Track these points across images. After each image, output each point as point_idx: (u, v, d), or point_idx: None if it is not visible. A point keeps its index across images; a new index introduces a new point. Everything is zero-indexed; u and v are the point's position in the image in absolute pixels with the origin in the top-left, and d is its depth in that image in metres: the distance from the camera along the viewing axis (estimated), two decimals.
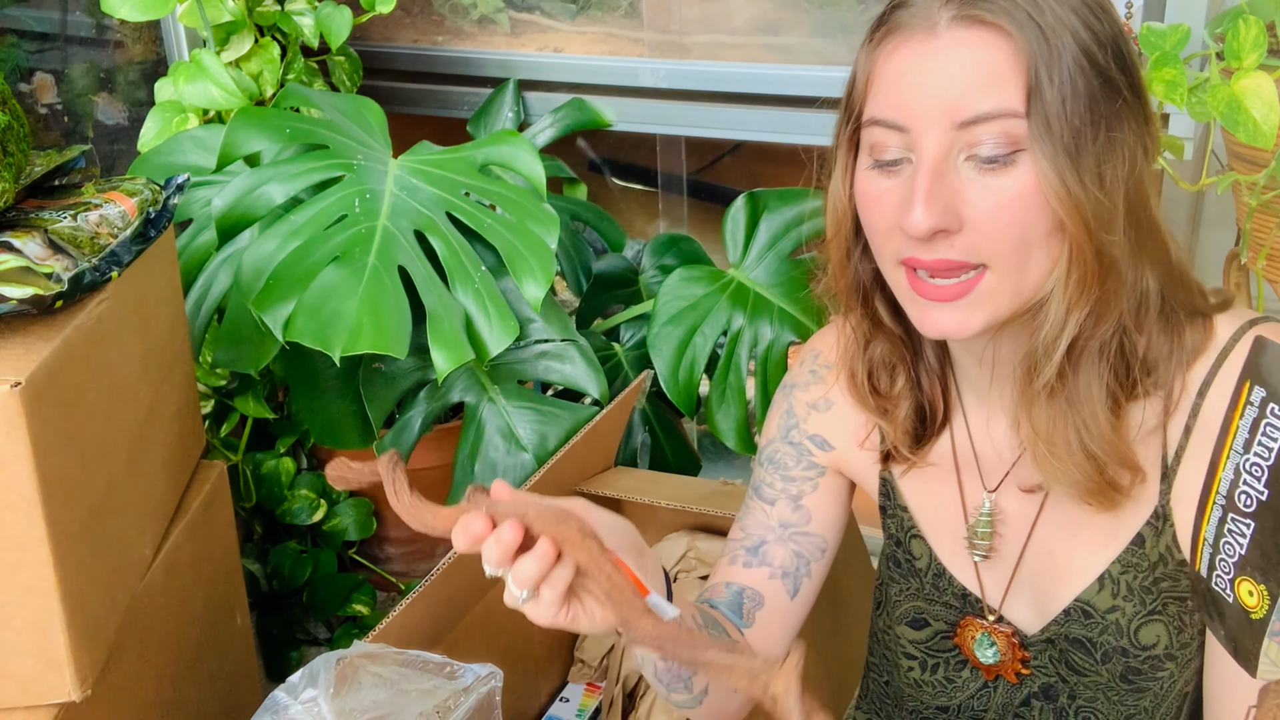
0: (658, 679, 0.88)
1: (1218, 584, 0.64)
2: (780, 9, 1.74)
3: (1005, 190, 0.73)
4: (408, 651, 0.93)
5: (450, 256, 1.37)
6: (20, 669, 0.96)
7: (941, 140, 0.74)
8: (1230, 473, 0.62)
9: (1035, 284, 0.76)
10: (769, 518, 0.96)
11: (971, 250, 0.74)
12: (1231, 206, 1.35)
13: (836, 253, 0.86)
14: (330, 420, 1.50)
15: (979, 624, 0.91)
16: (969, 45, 0.74)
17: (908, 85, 0.75)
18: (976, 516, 0.89)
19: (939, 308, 0.76)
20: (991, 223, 0.74)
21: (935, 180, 0.73)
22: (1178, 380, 0.81)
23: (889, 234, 0.77)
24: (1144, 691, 0.87)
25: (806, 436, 0.97)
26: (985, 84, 0.73)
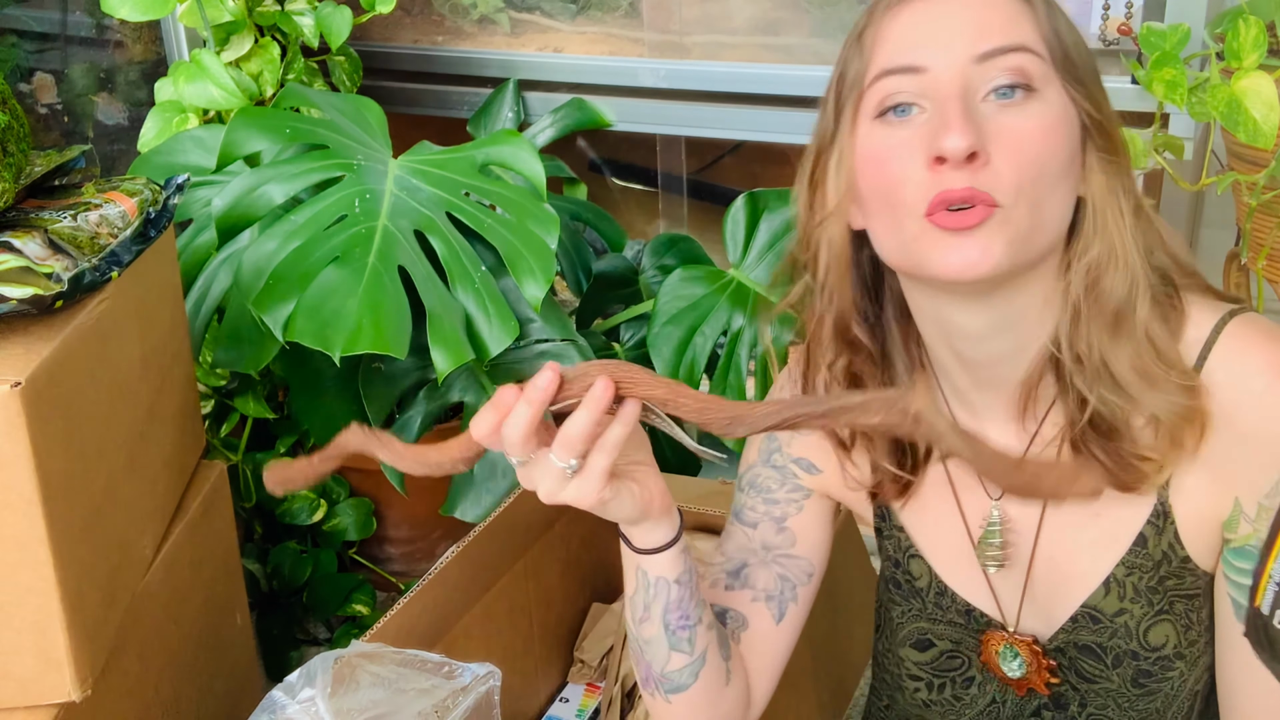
0: (665, 631, 0.85)
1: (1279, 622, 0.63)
2: (780, 9, 1.74)
3: (1025, 124, 0.74)
4: (405, 651, 0.93)
5: (450, 256, 1.37)
6: (20, 669, 0.96)
7: (962, 73, 0.75)
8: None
9: (1050, 227, 0.76)
10: (751, 540, 0.95)
11: (994, 185, 0.73)
12: (1231, 206, 1.36)
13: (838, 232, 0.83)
14: (330, 420, 1.50)
15: (1001, 636, 0.90)
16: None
17: (922, 31, 0.77)
18: (984, 528, 0.88)
19: (961, 240, 0.73)
20: (1016, 155, 0.74)
21: (965, 105, 0.74)
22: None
23: (907, 181, 0.75)
24: (1155, 694, 0.86)
25: (791, 460, 0.95)
26: (1002, 21, 0.76)
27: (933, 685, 0.95)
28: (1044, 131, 0.75)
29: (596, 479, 0.74)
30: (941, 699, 0.95)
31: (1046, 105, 0.75)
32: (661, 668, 0.88)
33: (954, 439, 0.63)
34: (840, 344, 0.88)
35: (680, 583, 0.84)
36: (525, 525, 1.26)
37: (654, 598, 0.85)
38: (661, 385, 0.72)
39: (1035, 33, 0.76)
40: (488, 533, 1.14)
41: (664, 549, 0.83)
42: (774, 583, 0.94)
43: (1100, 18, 1.45)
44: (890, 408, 0.64)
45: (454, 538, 1.81)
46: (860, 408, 0.65)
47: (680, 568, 0.84)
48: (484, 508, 1.42)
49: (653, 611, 0.85)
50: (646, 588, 0.85)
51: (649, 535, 0.82)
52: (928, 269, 0.77)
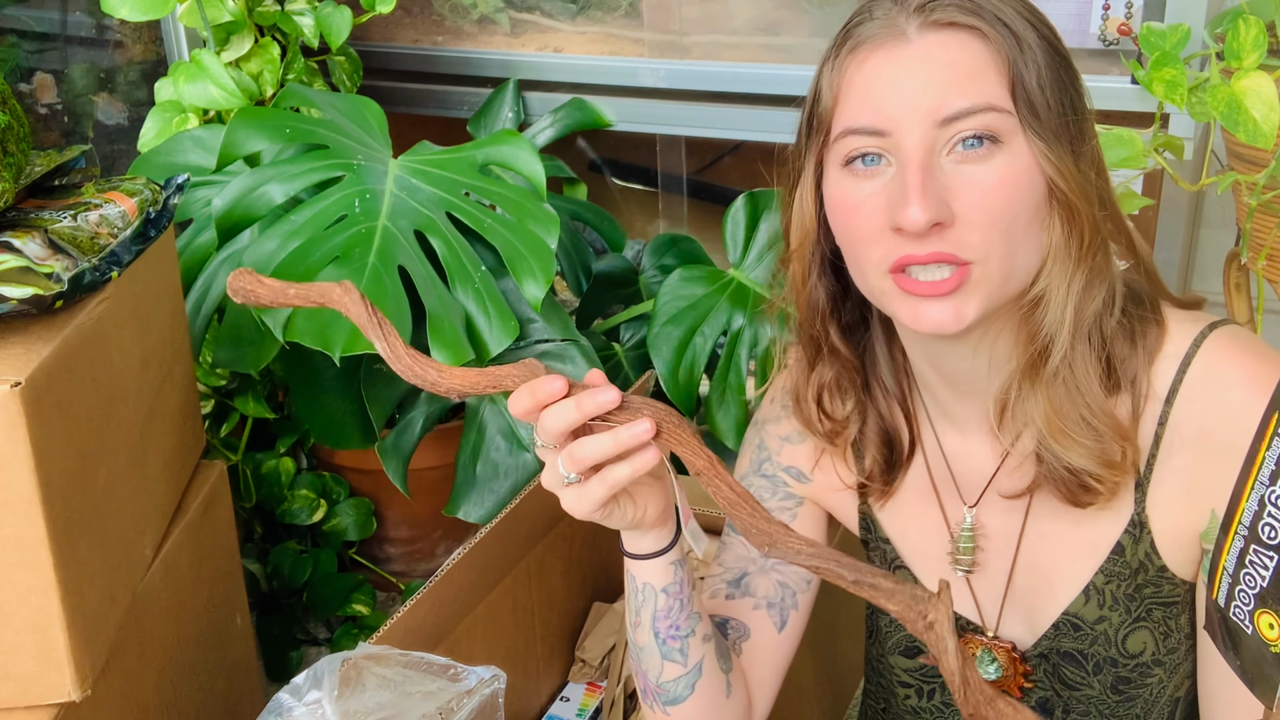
0: (655, 640, 0.85)
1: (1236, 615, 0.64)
2: (780, 9, 1.74)
3: (987, 179, 0.74)
4: (411, 653, 0.93)
5: (450, 256, 1.37)
6: (20, 669, 0.96)
7: (925, 139, 0.74)
8: (1254, 504, 0.61)
9: (1024, 271, 0.77)
10: (749, 549, 0.95)
11: (960, 244, 0.74)
12: (1231, 206, 1.36)
13: (801, 267, 0.86)
14: (330, 420, 1.50)
15: (978, 641, 0.91)
16: (943, 47, 0.75)
17: (884, 90, 0.76)
18: (959, 533, 0.89)
19: (932, 304, 0.75)
20: (979, 211, 0.74)
21: (926, 174, 0.74)
22: (1142, 383, 0.81)
23: (876, 238, 0.76)
24: (1134, 700, 0.87)
25: (781, 469, 0.96)
26: (964, 81, 0.74)
27: (922, 692, 0.95)
28: (1008, 184, 0.74)
29: (591, 500, 0.74)
30: (931, 705, 0.95)
31: (1011, 157, 0.74)
32: (656, 678, 0.88)
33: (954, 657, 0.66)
34: (816, 351, 0.89)
35: (668, 593, 0.84)
36: (529, 525, 1.26)
37: (642, 603, 0.85)
38: (703, 457, 0.71)
39: (1002, 86, 0.74)
40: (493, 534, 1.14)
41: (652, 557, 0.83)
42: (774, 589, 0.94)
43: (1100, 18, 1.45)
44: (912, 605, 0.66)
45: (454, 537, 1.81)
46: (887, 592, 0.67)
47: (669, 578, 0.83)
48: (487, 508, 1.42)
49: (643, 617, 0.86)
50: (635, 592, 0.85)
51: (639, 541, 0.83)
52: (897, 318, 0.79)
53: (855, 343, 0.89)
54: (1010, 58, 0.74)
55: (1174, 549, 0.82)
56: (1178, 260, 1.59)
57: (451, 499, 1.44)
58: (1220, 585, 0.64)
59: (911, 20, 0.76)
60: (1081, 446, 0.79)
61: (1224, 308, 1.35)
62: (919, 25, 0.75)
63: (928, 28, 0.75)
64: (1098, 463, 0.79)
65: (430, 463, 1.60)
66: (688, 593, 0.85)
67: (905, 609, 0.66)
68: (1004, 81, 0.74)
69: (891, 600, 0.66)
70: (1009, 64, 0.74)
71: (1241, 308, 1.33)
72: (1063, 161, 0.75)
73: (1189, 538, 0.81)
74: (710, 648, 0.87)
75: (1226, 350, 0.79)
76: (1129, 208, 1.26)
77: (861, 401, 0.90)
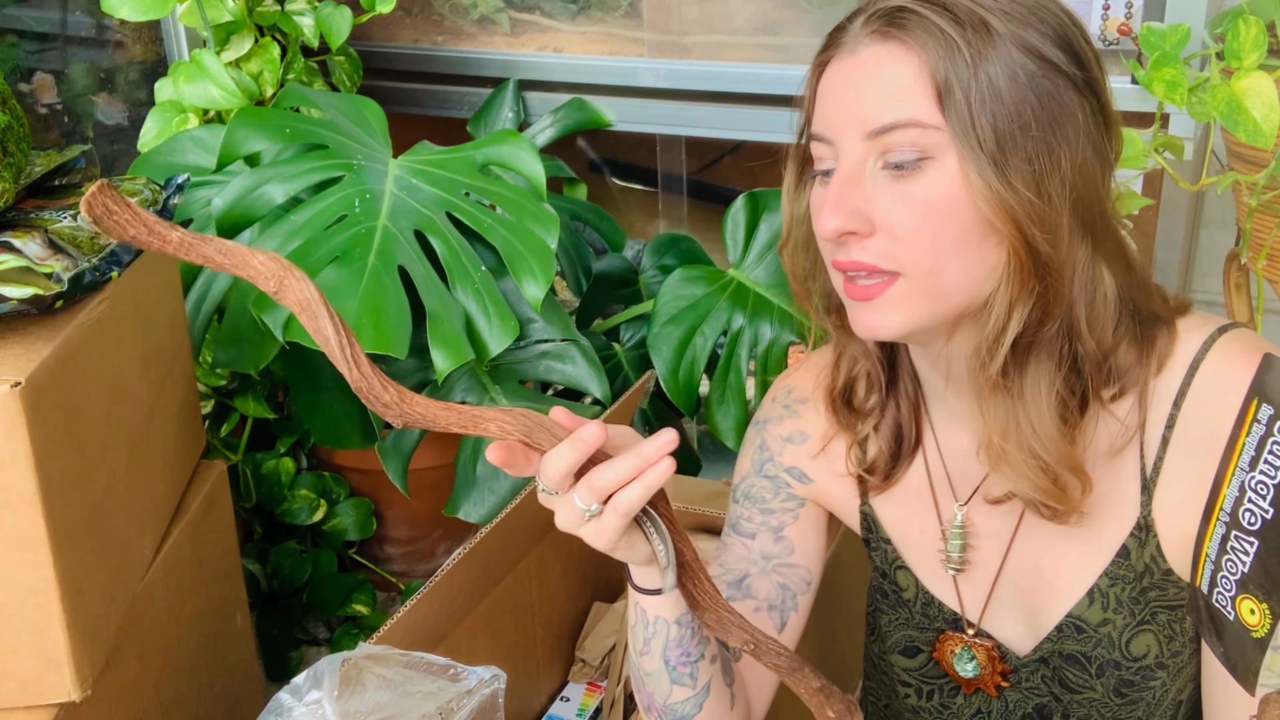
0: (666, 667, 0.85)
1: (1219, 601, 0.64)
2: (780, 9, 1.74)
3: (914, 195, 0.75)
4: (412, 653, 0.93)
5: (450, 256, 1.37)
6: (20, 669, 0.96)
7: (856, 150, 0.77)
8: (1235, 490, 0.61)
9: (959, 289, 0.77)
10: (750, 551, 0.95)
11: (884, 255, 0.76)
12: (1231, 206, 1.36)
13: (791, 259, 0.89)
14: (330, 420, 1.50)
15: (959, 638, 0.91)
16: (879, 61, 0.76)
17: (832, 101, 0.79)
18: (950, 530, 0.89)
19: (864, 308, 0.78)
20: (901, 226, 0.75)
21: (844, 186, 0.76)
22: (1150, 390, 0.80)
23: (820, 242, 0.81)
24: (1137, 704, 0.86)
25: (783, 469, 0.96)
26: (891, 96, 0.75)
27: (921, 692, 0.96)
28: (932, 203, 0.75)
29: (612, 531, 0.72)
30: (930, 706, 0.95)
31: (941, 173, 0.74)
32: (664, 700, 0.87)
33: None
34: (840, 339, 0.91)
35: (680, 623, 0.83)
36: (530, 526, 1.26)
37: (653, 635, 0.84)
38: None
39: (931, 99, 0.74)
40: (494, 534, 1.14)
41: (662, 592, 0.82)
42: (775, 592, 0.94)
43: (1100, 18, 1.45)
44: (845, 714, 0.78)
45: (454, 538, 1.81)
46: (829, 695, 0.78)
47: (680, 609, 0.82)
48: (487, 508, 1.42)
49: (653, 647, 0.85)
50: (646, 625, 0.84)
51: (651, 577, 0.81)
52: (849, 317, 0.82)
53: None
54: (942, 73, 0.73)
55: (1180, 552, 0.81)
56: (1178, 260, 1.59)
57: (451, 499, 1.44)
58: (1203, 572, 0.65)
59: (861, 30, 0.78)
60: (1018, 472, 0.79)
61: (1224, 308, 1.35)
62: (867, 35, 0.77)
63: (872, 38, 0.77)
64: (1037, 490, 0.79)
65: (430, 463, 1.60)
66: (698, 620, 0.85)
67: (839, 716, 0.78)
68: (935, 98, 0.74)
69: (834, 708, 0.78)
70: (940, 79, 0.73)
71: (1241, 308, 1.33)
72: (992, 181, 0.73)
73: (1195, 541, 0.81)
74: (717, 667, 0.87)
75: (1235, 353, 0.79)
76: (1129, 208, 1.26)
77: (884, 395, 0.91)
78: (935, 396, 0.89)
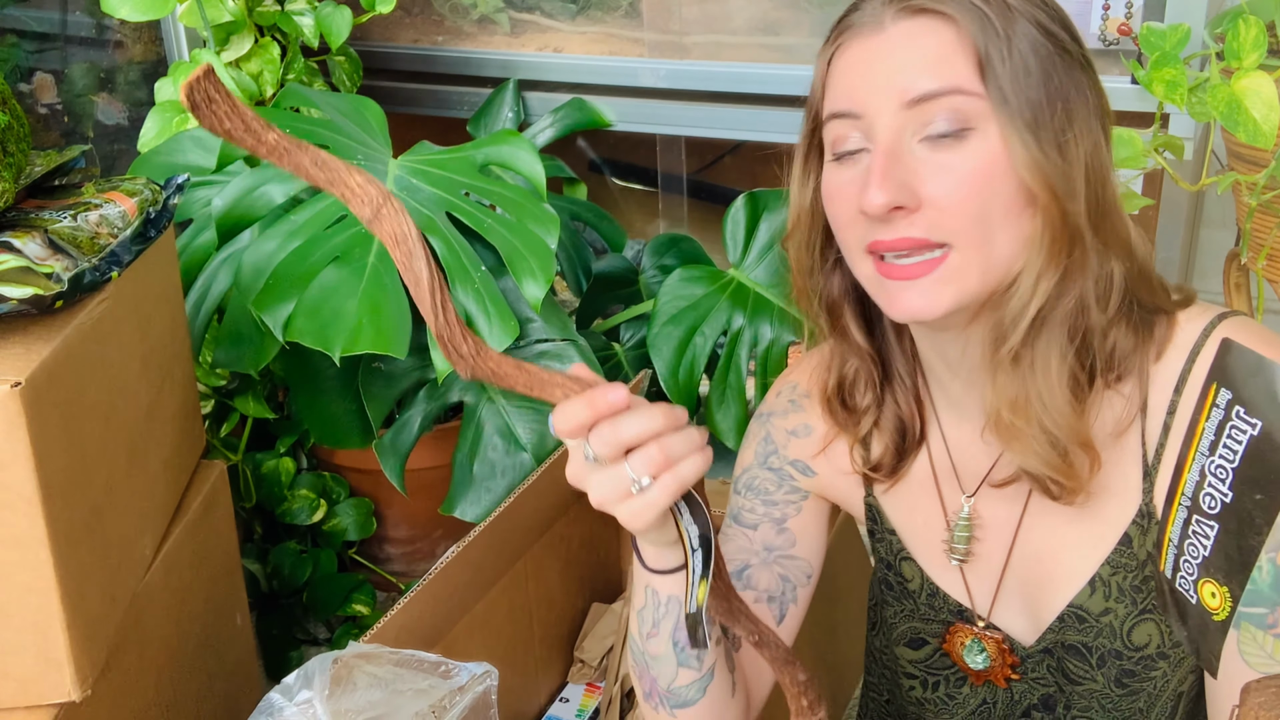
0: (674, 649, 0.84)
1: (1181, 585, 0.64)
2: (780, 9, 1.74)
3: (959, 166, 0.75)
4: (402, 651, 0.93)
5: (450, 256, 1.37)
6: (20, 669, 0.96)
7: (893, 122, 0.76)
8: (1196, 474, 0.62)
9: (1004, 261, 0.77)
10: (751, 542, 0.95)
11: (932, 227, 0.75)
12: (1231, 206, 1.36)
13: (796, 252, 0.87)
14: (330, 420, 1.50)
15: (969, 630, 0.91)
16: (913, 34, 0.76)
17: (859, 75, 0.78)
18: (955, 521, 0.89)
19: (907, 288, 0.76)
20: (949, 197, 0.75)
21: (889, 160, 0.75)
22: (1151, 377, 0.81)
23: (852, 222, 0.78)
24: (1138, 694, 0.87)
25: (788, 462, 0.96)
26: (932, 64, 0.75)
27: (927, 683, 0.95)
28: (979, 172, 0.74)
29: (657, 508, 0.69)
30: (935, 697, 0.95)
31: (985, 143, 0.75)
32: (669, 683, 0.87)
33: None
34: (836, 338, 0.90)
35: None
36: (526, 525, 1.26)
37: (664, 615, 0.84)
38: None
39: (971, 69, 0.75)
40: (488, 533, 1.14)
41: (678, 570, 0.81)
42: (776, 583, 0.94)
43: (1100, 18, 1.45)
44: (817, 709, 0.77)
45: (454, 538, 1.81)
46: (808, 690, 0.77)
47: None
48: (484, 507, 1.42)
49: (662, 629, 0.85)
50: (656, 605, 0.84)
51: (665, 555, 0.80)
52: (880, 306, 0.80)
53: (873, 335, 0.89)
54: (981, 43, 0.75)
55: None
56: (1178, 260, 1.59)
57: (448, 498, 1.44)
58: (1167, 556, 0.65)
59: (888, 9, 0.77)
60: (1028, 446, 0.79)
61: None
62: (894, 14, 0.77)
63: (901, 15, 0.77)
64: (1047, 466, 0.79)
65: (430, 462, 1.60)
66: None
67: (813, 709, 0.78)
68: (974, 65, 0.75)
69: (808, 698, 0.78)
70: (981, 48, 0.75)
71: (1241, 308, 1.33)
72: (1032, 153, 0.74)
73: None
74: (721, 650, 0.87)
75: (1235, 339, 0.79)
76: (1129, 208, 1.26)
77: (879, 393, 0.90)
78: (938, 386, 0.89)
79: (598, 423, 0.67)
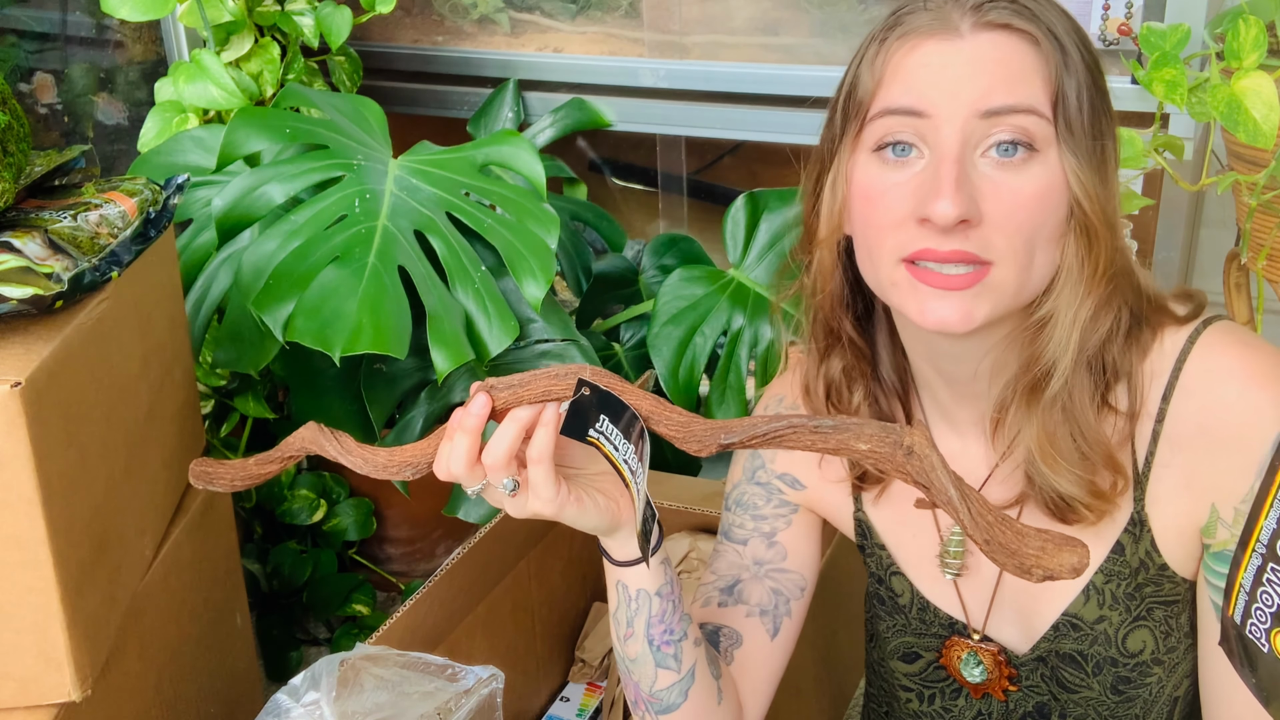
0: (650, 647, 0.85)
1: (1252, 632, 0.63)
2: (780, 9, 1.73)
3: (1022, 188, 0.74)
4: (409, 654, 0.93)
5: (450, 256, 1.37)
6: (20, 669, 0.96)
7: (964, 128, 0.74)
8: (1273, 522, 0.61)
9: (1037, 283, 0.77)
10: (742, 557, 0.95)
11: (984, 245, 0.74)
12: (1231, 206, 1.36)
13: (829, 255, 0.85)
14: (331, 420, 1.49)
15: (965, 644, 0.91)
16: (994, 45, 0.75)
17: (931, 75, 0.76)
18: (948, 535, 0.89)
19: (942, 298, 0.75)
20: (1009, 218, 0.74)
21: (961, 170, 0.73)
22: (1140, 384, 0.81)
23: (896, 227, 0.76)
24: (1134, 700, 0.87)
25: (775, 476, 0.96)
26: (1012, 79, 0.75)
27: (923, 696, 0.96)
28: (1040, 196, 0.74)
29: (542, 490, 0.74)
30: (932, 710, 0.96)
31: (1045, 168, 0.75)
32: (650, 687, 0.87)
33: (944, 478, 0.63)
34: (832, 340, 0.89)
35: (661, 595, 0.83)
36: (529, 525, 1.26)
37: (636, 612, 0.84)
38: (639, 395, 0.72)
39: (1045, 93, 0.75)
40: (493, 534, 1.14)
41: (640, 561, 0.82)
42: (768, 597, 0.94)
43: (1100, 18, 1.45)
44: (884, 437, 0.64)
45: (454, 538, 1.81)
46: (854, 430, 0.65)
47: (661, 579, 0.83)
48: (486, 508, 1.42)
49: (636, 627, 0.85)
50: (628, 602, 0.84)
51: (624, 546, 0.82)
52: (903, 312, 0.79)
53: (867, 332, 0.89)
54: (1057, 70, 0.75)
55: (1175, 546, 0.82)
56: (1178, 260, 1.59)
57: (451, 499, 1.44)
58: (1236, 602, 0.64)
59: (966, 18, 0.76)
60: (1071, 473, 0.79)
61: (1224, 308, 1.35)
62: (973, 23, 0.76)
63: (981, 27, 0.76)
64: (1085, 490, 0.80)
65: None
66: (678, 592, 0.85)
67: (878, 443, 0.64)
68: (1048, 90, 0.75)
69: (860, 438, 0.65)
70: (1055, 75, 0.75)
71: (1241, 308, 1.33)
72: (1091, 183, 0.75)
73: (1190, 534, 0.81)
74: (701, 653, 0.87)
75: (1221, 345, 0.80)
76: (1129, 208, 1.26)
77: (871, 392, 0.90)
78: (929, 396, 0.89)
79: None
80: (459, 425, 0.73)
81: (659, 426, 0.73)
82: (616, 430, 0.71)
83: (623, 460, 0.72)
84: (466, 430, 0.73)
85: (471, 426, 0.73)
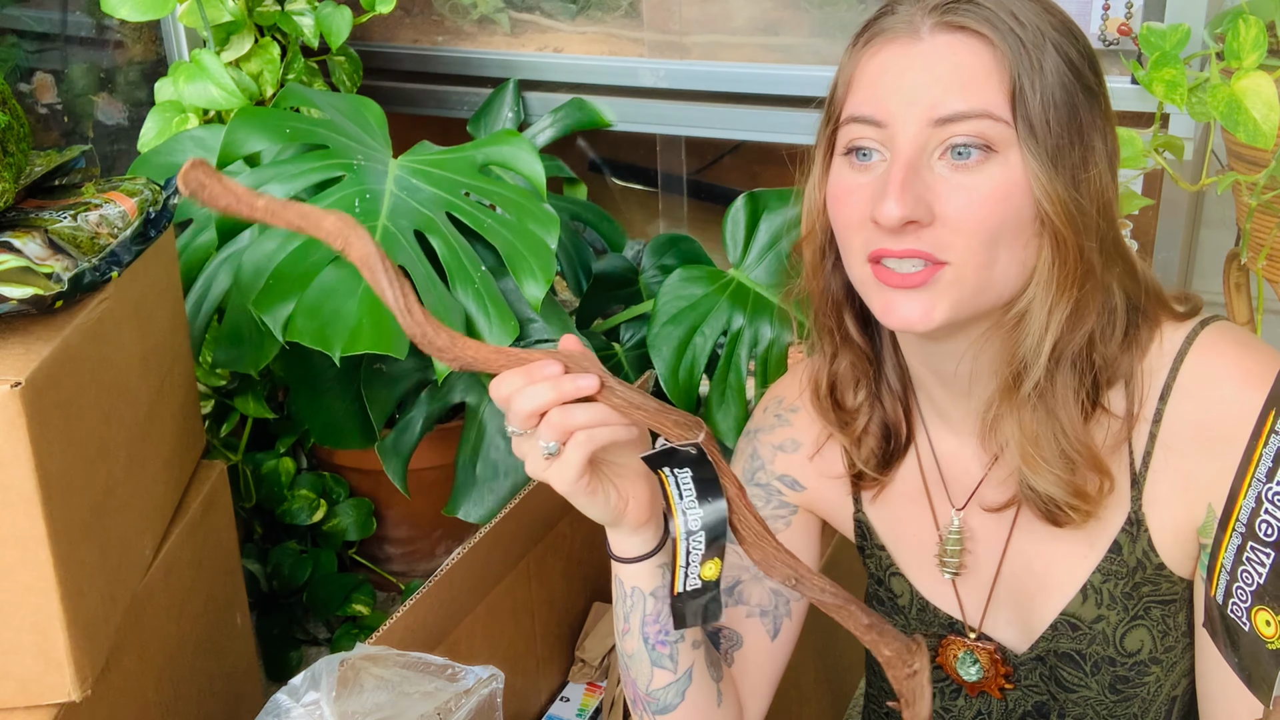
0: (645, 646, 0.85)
1: (1234, 612, 0.64)
2: (780, 9, 1.73)
3: (977, 188, 0.74)
4: (409, 654, 0.93)
5: (450, 256, 1.37)
6: (20, 669, 0.96)
7: (918, 136, 0.75)
8: (1251, 501, 0.61)
9: (1001, 284, 0.77)
10: (741, 558, 0.95)
11: (939, 245, 0.75)
12: (1231, 206, 1.36)
13: (810, 253, 0.86)
14: (330, 420, 1.50)
15: (961, 642, 0.91)
16: (950, 49, 0.75)
17: (887, 83, 0.77)
18: (946, 534, 0.89)
19: (903, 296, 0.76)
20: (962, 218, 0.74)
21: (909, 173, 0.74)
22: (1137, 385, 0.81)
23: (859, 227, 0.78)
24: (1131, 699, 0.87)
25: (775, 477, 0.96)
26: (965, 84, 0.75)
27: None
28: (997, 196, 0.74)
29: (572, 468, 0.73)
30: (933, 710, 0.95)
31: (1004, 169, 0.75)
32: (646, 686, 0.87)
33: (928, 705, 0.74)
34: (837, 340, 0.89)
35: (656, 597, 0.84)
36: (529, 525, 1.26)
37: (631, 609, 0.85)
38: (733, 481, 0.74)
39: (1002, 94, 0.74)
40: (493, 534, 1.14)
41: (639, 560, 0.82)
42: (768, 597, 0.94)
43: (1100, 18, 1.45)
44: (903, 652, 0.74)
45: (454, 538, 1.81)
46: (881, 633, 0.74)
47: (657, 581, 0.83)
48: (487, 508, 1.42)
49: (631, 624, 0.85)
50: (624, 598, 0.84)
51: (625, 543, 0.82)
52: (873, 310, 0.80)
53: (869, 333, 0.89)
54: (1016, 71, 0.74)
55: (1172, 546, 0.82)
56: (1178, 260, 1.59)
57: (451, 499, 1.44)
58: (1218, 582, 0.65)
59: (927, 19, 0.76)
60: (1052, 474, 0.80)
61: (1224, 308, 1.35)
62: (932, 25, 0.76)
63: (940, 28, 0.76)
64: (1067, 491, 0.80)
65: (430, 462, 1.60)
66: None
67: (898, 655, 0.73)
68: (1006, 93, 0.74)
69: (889, 646, 0.74)
70: (1013, 76, 0.74)
71: (1241, 308, 1.33)
72: (1054, 185, 0.74)
73: (1187, 534, 0.81)
74: (700, 654, 0.87)
75: (1218, 345, 0.80)
76: (1129, 208, 1.26)
77: (873, 391, 0.90)
78: (925, 397, 0.89)
79: None
80: (555, 380, 0.71)
81: (732, 516, 0.75)
82: (691, 485, 0.74)
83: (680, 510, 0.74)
84: (561, 392, 0.71)
85: (567, 391, 0.71)
